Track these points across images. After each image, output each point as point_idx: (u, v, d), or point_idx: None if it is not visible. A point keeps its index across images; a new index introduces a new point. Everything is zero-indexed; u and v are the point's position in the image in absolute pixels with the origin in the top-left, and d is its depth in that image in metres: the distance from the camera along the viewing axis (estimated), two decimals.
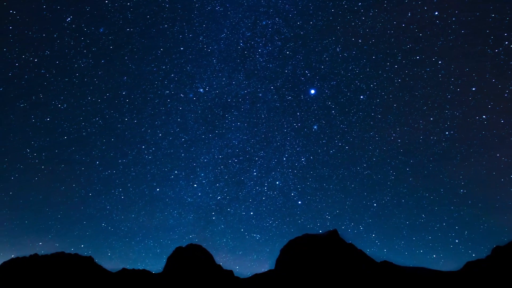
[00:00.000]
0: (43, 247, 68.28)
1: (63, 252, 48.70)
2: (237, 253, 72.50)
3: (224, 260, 72.08)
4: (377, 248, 68.95)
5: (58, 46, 65.46)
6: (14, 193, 67.13)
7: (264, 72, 73.16)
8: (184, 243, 69.71)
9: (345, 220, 71.88)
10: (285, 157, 73.67)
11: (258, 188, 73.36)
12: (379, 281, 44.38)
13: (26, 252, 65.31)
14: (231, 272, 51.49)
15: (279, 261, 50.72)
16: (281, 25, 70.15)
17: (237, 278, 51.41)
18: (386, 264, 47.01)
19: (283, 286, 46.25)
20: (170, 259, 51.37)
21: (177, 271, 49.25)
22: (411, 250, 67.80)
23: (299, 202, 72.66)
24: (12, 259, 46.36)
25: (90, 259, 48.88)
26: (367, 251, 65.74)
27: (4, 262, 46.31)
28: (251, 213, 72.39)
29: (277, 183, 73.31)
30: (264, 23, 70.00)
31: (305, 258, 48.04)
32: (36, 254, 47.46)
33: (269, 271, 50.94)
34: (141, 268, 51.12)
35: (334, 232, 51.28)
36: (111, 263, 70.73)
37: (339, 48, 69.34)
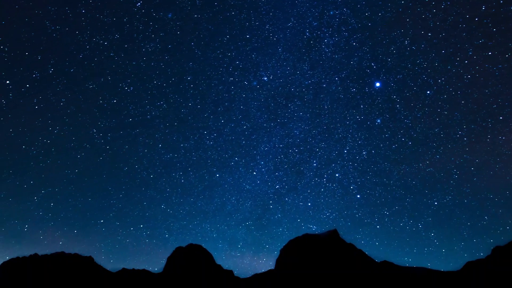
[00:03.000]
0: (104, 224, 69.36)
1: (63, 252, 48.87)
2: None
3: (279, 249, 73.24)
4: (435, 247, 66.95)
5: (128, 30, 66.36)
6: (80, 171, 69.13)
7: (329, 62, 71.30)
8: (241, 230, 71.32)
9: (403, 217, 69.60)
10: (346, 150, 71.71)
11: (317, 180, 71.93)
12: (379, 281, 44.35)
13: (89, 228, 68.38)
14: (231, 272, 51.59)
15: (279, 261, 50.71)
16: (348, 15, 67.70)
17: (237, 278, 51.52)
18: (386, 264, 46.99)
19: (283, 286, 46.26)
20: (170, 259, 51.47)
21: (177, 271, 49.33)
22: (471, 253, 66.32)
23: (358, 196, 70.79)
24: (12, 259, 46.51)
25: (90, 259, 49.02)
26: (425, 250, 64.05)
27: (4, 262, 46.46)
28: (309, 204, 71.11)
29: (337, 175, 71.47)
30: (331, 13, 67.69)
31: (305, 258, 48.05)
32: (36, 254, 47.62)
33: (269, 271, 50.97)
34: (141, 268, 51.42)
35: (334, 232, 51.29)
36: (167, 246, 71.83)
37: (407, 41, 66.33)
